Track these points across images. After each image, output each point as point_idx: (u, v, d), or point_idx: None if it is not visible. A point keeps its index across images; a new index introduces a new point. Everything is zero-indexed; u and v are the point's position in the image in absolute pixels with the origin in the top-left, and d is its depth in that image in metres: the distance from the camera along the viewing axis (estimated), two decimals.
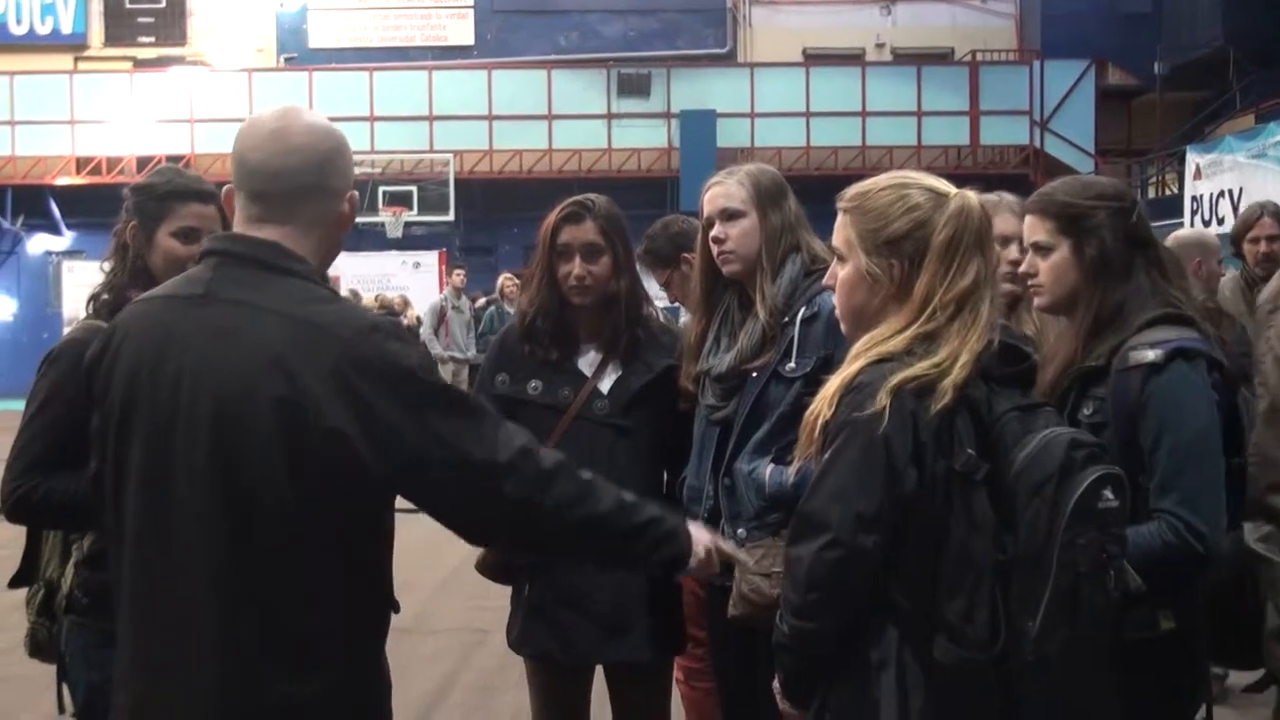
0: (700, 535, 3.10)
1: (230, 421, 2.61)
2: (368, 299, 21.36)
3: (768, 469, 3.92)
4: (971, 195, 2.98)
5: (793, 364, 3.97)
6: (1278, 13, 25.52)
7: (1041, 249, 3.54)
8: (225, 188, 2.91)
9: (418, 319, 20.55)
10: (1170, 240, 6.76)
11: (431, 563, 9.48)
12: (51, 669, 3.96)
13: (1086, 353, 3.43)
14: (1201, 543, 3.19)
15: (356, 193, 2.97)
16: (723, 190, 4.14)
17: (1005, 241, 4.13)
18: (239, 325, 2.65)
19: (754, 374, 4.05)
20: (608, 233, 4.29)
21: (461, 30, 31.45)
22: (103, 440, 2.82)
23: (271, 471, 2.60)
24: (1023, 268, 3.63)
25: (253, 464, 2.61)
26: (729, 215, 4.10)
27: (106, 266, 3.92)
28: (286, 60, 30.90)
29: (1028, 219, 3.60)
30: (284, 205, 2.77)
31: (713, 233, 4.13)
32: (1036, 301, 3.64)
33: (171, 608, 2.72)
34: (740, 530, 3.99)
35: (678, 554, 3.00)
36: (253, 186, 2.79)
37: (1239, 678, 5.93)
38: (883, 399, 2.73)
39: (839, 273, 3.05)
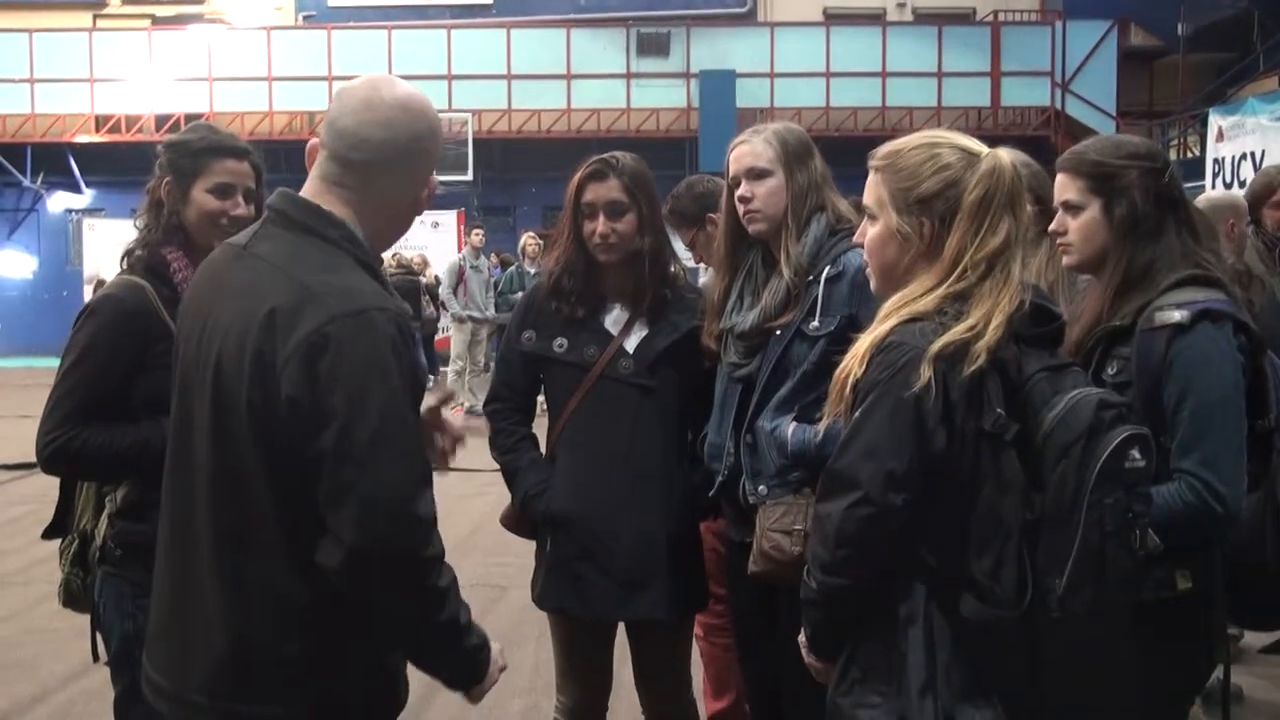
0: (495, 662, 3.03)
1: (225, 376, 2.66)
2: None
3: (790, 427, 3.93)
4: (1004, 154, 2.98)
5: (816, 323, 3.98)
6: None
7: (1072, 208, 3.54)
8: (310, 142, 2.89)
9: (436, 278, 20.60)
10: (1202, 201, 6.75)
11: (448, 523, 9.48)
12: (82, 621, 4.02)
13: (1113, 312, 3.43)
14: (1221, 504, 3.22)
15: (436, 178, 2.95)
16: (749, 149, 4.15)
17: None
18: (254, 281, 2.70)
19: (778, 332, 4.06)
20: (632, 190, 4.30)
21: None
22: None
23: (244, 426, 2.64)
24: (1053, 226, 3.63)
25: (237, 419, 2.65)
26: (756, 174, 4.11)
27: (140, 223, 3.95)
28: (305, 18, 30.87)
29: (1059, 177, 3.60)
30: (361, 173, 2.79)
31: (739, 192, 4.13)
32: (1065, 260, 3.65)
33: (186, 559, 2.80)
34: (761, 487, 4.02)
35: (480, 679, 2.96)
36: (336, 148, 2.80)
37: (1254, 639, 5.98)
38: (925, 372, 2.75)
39: (869, 231, 3.07)
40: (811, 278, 4.03)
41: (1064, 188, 3.57)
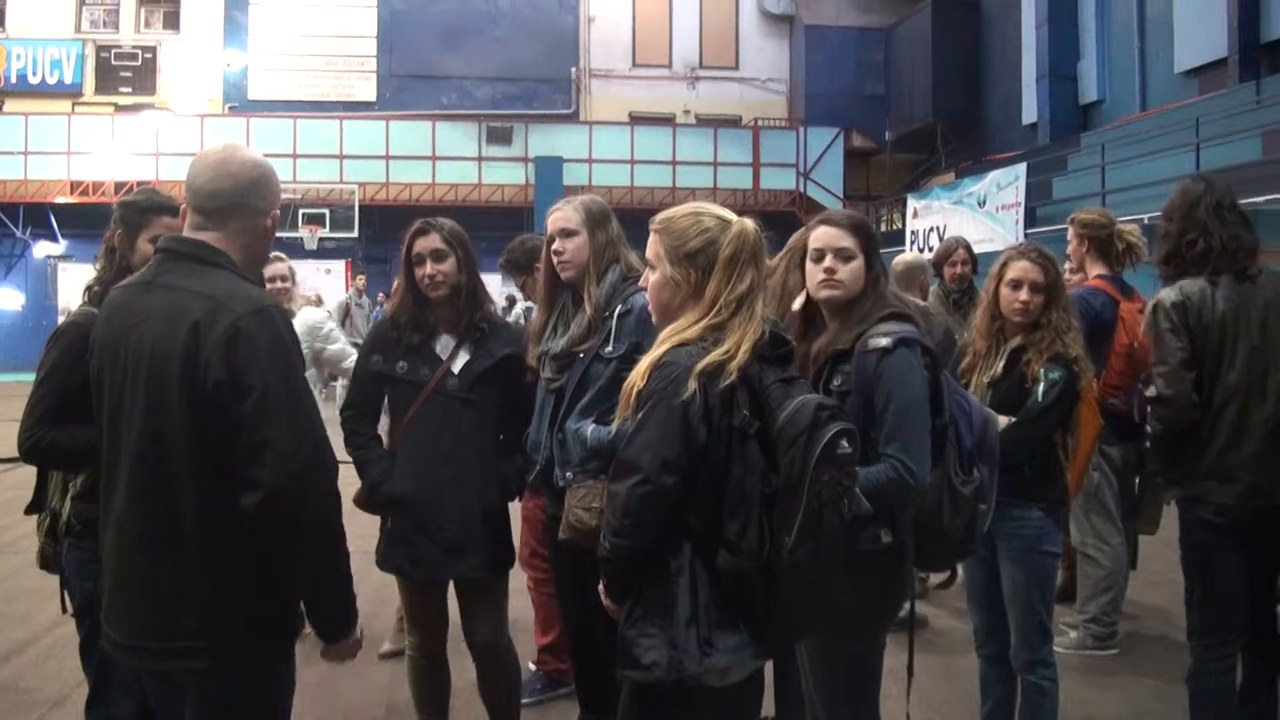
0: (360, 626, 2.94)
1: (156, 375, 2.65)
2: None
3: (590, 428, 3.95)
4: (749, 222, 3.02)
5: (610, 348, 4.01)
6: (973, 98, 26.53)
7: (846, 256, 3.53)
8: (182, 206, 2.92)
9: (328, 313, 20.28)
10: (902, 260, 6.91)
11: None
12: (56, 580, 3.95)
13: (838, 338, 3.49)
14: (914, 479, 3.29)
15: (278, 211, 2.97)
16: (562, 214, 4.19)
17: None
18: (171, 304, 2.70)
19: (581, 355, 4.08)
20: (450, 241, 4.27)
21: (366, 89, 31.05)
22: (93, 395, 2.88)
23: (175, 411, 2.63)
24: (827, 263, 3.55)
25: (166, 405, 2.64)
26: (566, 233, 4.14)
27: (98, 265, 3.88)
28: (230, 108, 30.19)
29: (833, 231, 3.57)
30: (218, 217, 2.81)
31: (554, 246, 4.17)
32: (831, 293, 3.56)
33: (122, 533, 2.76)
34: (568, 474, 4.02)
35: (352, 628, 2.89)
36: (196, 202, 2.83)
37: (933, 579, 6.16)
38: (692, 384, 2.78)
39: (650, 277, 3.07)
40: (608, 313, 4.05)
41: (839, 239, 3.55)
